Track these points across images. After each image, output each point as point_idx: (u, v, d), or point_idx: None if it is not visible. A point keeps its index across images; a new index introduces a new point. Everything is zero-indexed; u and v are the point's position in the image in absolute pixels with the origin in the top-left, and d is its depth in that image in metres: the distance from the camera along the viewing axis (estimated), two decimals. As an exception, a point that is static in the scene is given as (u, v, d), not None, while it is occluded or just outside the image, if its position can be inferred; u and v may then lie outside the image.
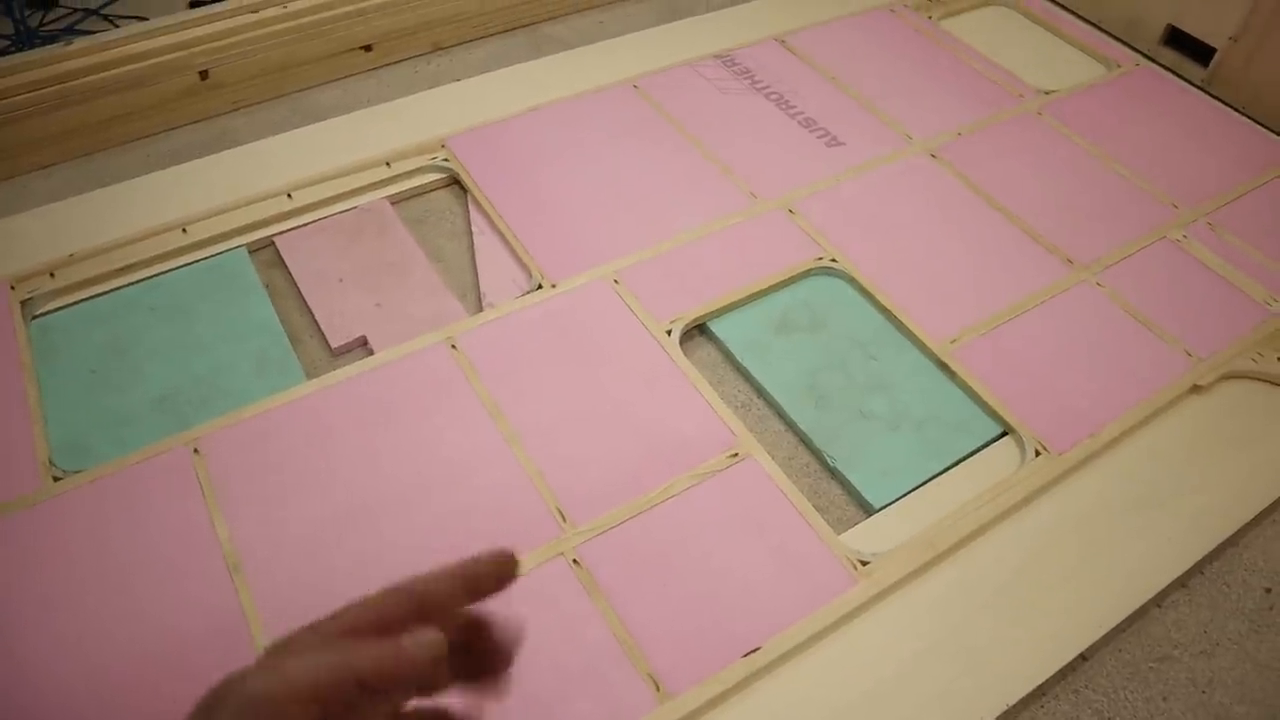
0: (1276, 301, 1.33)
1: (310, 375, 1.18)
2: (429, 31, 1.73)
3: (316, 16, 1.62)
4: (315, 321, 1.25)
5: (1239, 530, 1.11)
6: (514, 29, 1.81)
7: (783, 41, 1.71)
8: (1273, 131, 1.64)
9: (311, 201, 1.39)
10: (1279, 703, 1.00)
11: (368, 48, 1.69)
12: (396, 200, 1.43)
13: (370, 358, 1.18)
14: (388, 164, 1.45)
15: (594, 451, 1.09)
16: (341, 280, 1.30)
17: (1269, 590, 1.09)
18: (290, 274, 1.31)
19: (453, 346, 1.19)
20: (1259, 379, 1.25)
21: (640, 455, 1.08)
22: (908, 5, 1.83)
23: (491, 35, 1.79)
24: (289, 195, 1.38)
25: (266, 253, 1.35)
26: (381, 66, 1.71)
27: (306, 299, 1.28)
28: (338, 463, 1.07)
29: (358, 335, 1.23)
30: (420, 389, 1.14)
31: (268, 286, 1.29)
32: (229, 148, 1.49)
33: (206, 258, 1.31)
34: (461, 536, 1.01)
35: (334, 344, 1.23)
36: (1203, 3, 1.73)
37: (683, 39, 1.71)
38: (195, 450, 1.06)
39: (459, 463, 1.07)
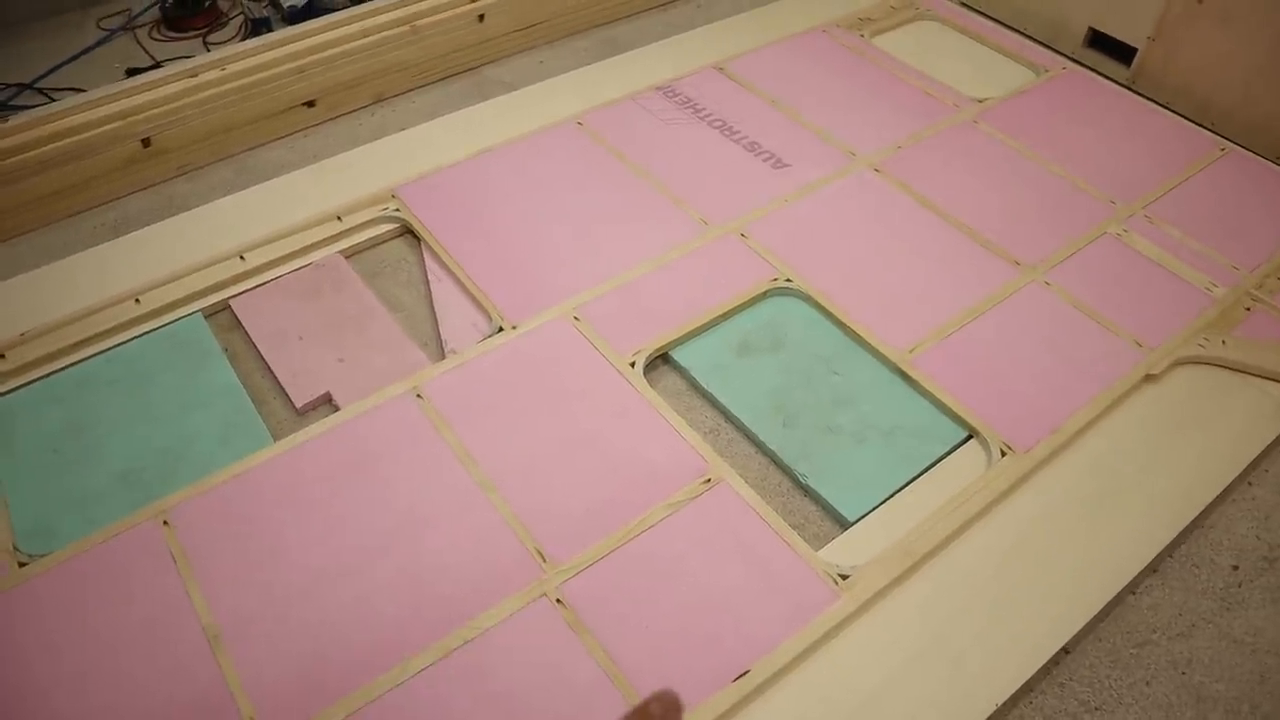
0: (1217, 287, 1.37)
1: (277, 437, 1.17)
2: (371, 83, 1.74)
3: (256, 77, 1.62)
4: (278, 382, 1.25)
5: (1202, 512, 1.14)
6: (456, 75, 1.82)
7: (721, 69, 1.74)
8: (1197, 124, 1.70)
9: (265, 262, 1.38)
10: (1255, 677, 1.02)
11: (310, 104, 1.69)
12: (350, 254, 1.43)
13: (336, 414, 1.18)
14: (339, 218, 1.45)
15: (568, 489, 1.09)
16: (301, 338, 1.29)
17: (1236, 567, 1.12)
18: (249, 336, 1.30)
19: (418, 396, 1.19)
20: (1207, 363, 1.29)
21: (614, 489, 1.09)
22: (840, 25, 1.88)
23: (434, 82, 1.80)
24: (241, 257, 1.38)
25: (223, 316, 1.34)
26: (325, 121, 1.72)
27: (267, 360, 1.27)
28: (311, 523, 1.06)
29: (322, 392, 1.23)
30: (389, 441, 1.14)
31: (227, 350, 1.28)
32: (177, 213, 1.48)
33: (162, 326, 1.30)
34: (443, 586, 1.00)
35: (298, 403, 1.22)
36: (1120, 5, 1.79)
37: (623, 73, 1.74)
38: (165, 522, 1.05)
39: (434, 512, 1.07)
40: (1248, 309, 1.35)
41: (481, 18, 1.80)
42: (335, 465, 1.11)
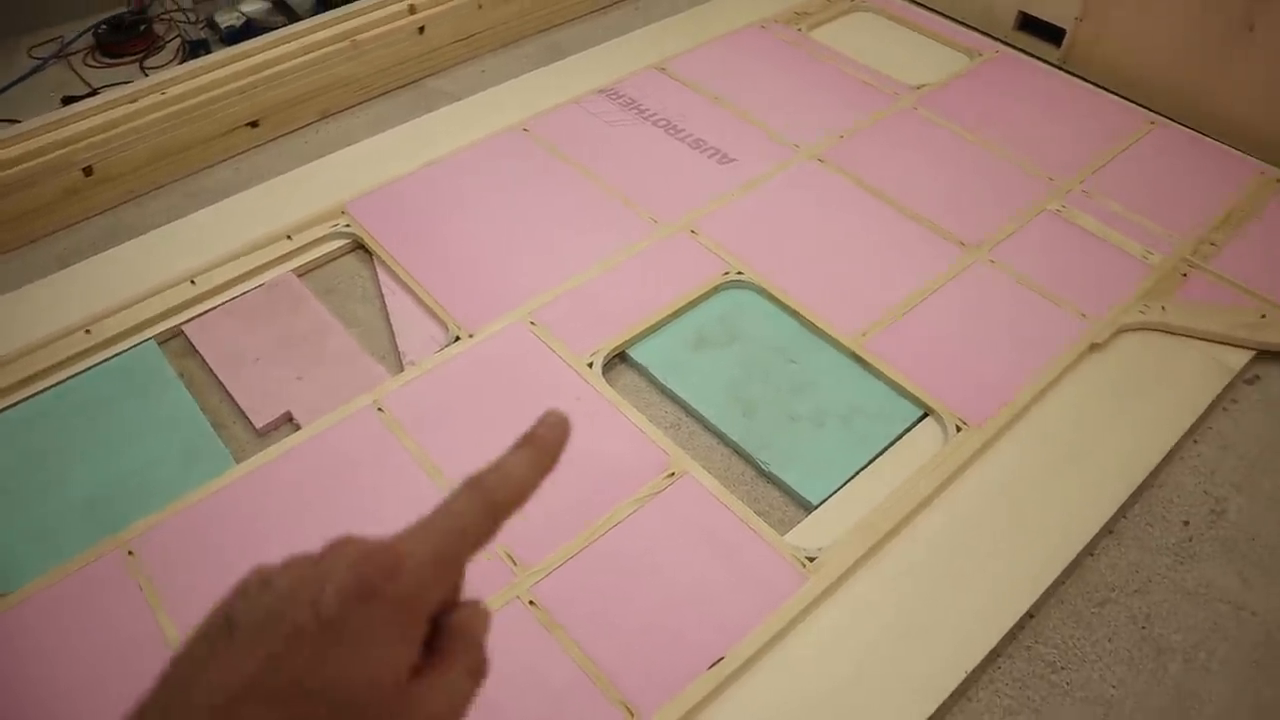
0: (1153, 255, 1.42)
1: (239, 459, 1.17)
2: (315, 100, 1.74)
3: (197, 99, 1.61)
4: (237, 404, 1.24)
5: (1153, 472, 1.18)
6: (399, 88, 1.82)
7: (662, 69, 1.76)
8: (1127, 100, 1.75)
9: (217, 284, 1.38)
10: (1209, 625, 1.06)
11: (254, 123, 1.69)
12: (303, 272, 1.43)
13: (297, 433, 1.17)
14: (289, 237, 1.44)
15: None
16: (258, 359, 1.29)
17: (1187, 523, 1.16)
18: (204, 360, 1.29)
19: (379, 409, 1.19)
20: (1149, 329, 1.33)
21: (581, 488, 1.10)
22: (777, 21, 1.91)
23: (378, 96, 1.80)
24: (192, 281, 1.37)
25: (177, 342, 1.33)
26: (271, 140, 1.71)
27: (225, 383, 1.26)
28: (278, 543, 1.06)
29: (282, 412, 1.22)
30: (352, 457, 1.14)
31: (183, 376, 1.28)
32: (124, 241, 1.46)
33: (115, 355, 1.29)
34: (415, 595, 1.01)
35: (258, 424, 1.21)
36: (1047, -14, 1.84)
37: (565, 78, 1.75)
38: (130, 552, 1.04)
39: (403, 523, 1.06)
40: (1184, 275, 1.40)
41: (422, 30, 1.80)
42: (300, 483, 1.11)
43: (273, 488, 1.11)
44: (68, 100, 1.76)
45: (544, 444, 0.38)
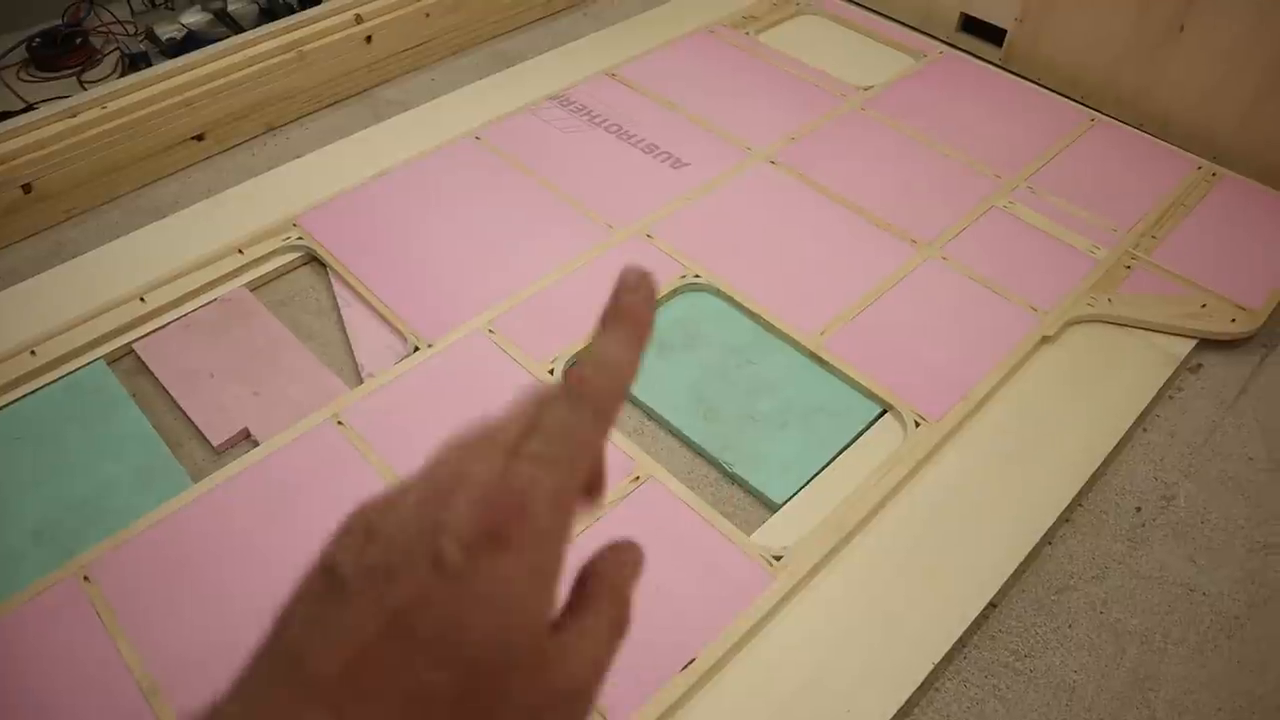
0: (1099, 249, 1.45)
1: (196, 478, 1.15)
2: (261, 112, 1.71)
3: (140, 113, 1.58)
4: (192, 422, 1.22)
5: (1105, 460, 1.21)
6: (348, 98, 1.80)
7: (613, 74, 1.76)
8: (1068, 98, 1.79)
9: (167, 301, 1.35)
10: (1164, 608, 1.09)
11: (199, 137, 1.66)
12: (256, 286, 1.40)
13: (256, 449, 1.16)
14: (240, 251, 1.42)
15: (501, 501, 1.09)
16: (213, 376, 1.27)
17: (1139, 509, 1.19)
18: (157, 379, 1.27)
19: (339, 423, 1.17)
20: (1097, 320, 1.36)
21: (547, 496, 1.10)
22: (725, 25, 1.92)
23: (326, 107, 1.78)
24: (142, 299, 1.34)
25: (127, 361, 1.31)
26: (217, 154, 1.68)
27: (179, 401, 1.24)
28: (242, 561, 1.04)
29: (239, 428, 1.21)
30: (313, 472, 1.12)
31: (134, 396, 1.25)
32: (68, 259, 1.43)
33: (63, 377, 1.26)
34: (382, 610, 0.99)
35: (215, 442, 1.19)
36: (987, -12, 1.88)
37: (516, 86, 1.75)
38: (85, 578, 1.02)
39: (367, 537, 1.06)
40: (1128, 267, 1.44)
41: (369, 39, 1.78)
42: (261, 500, 1.10)
43: (233, 506, 1.09)
44: (2, 116, 1.71)
45: (635, 314, 0.32)
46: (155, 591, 1.01)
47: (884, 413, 1.22)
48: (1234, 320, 1.37)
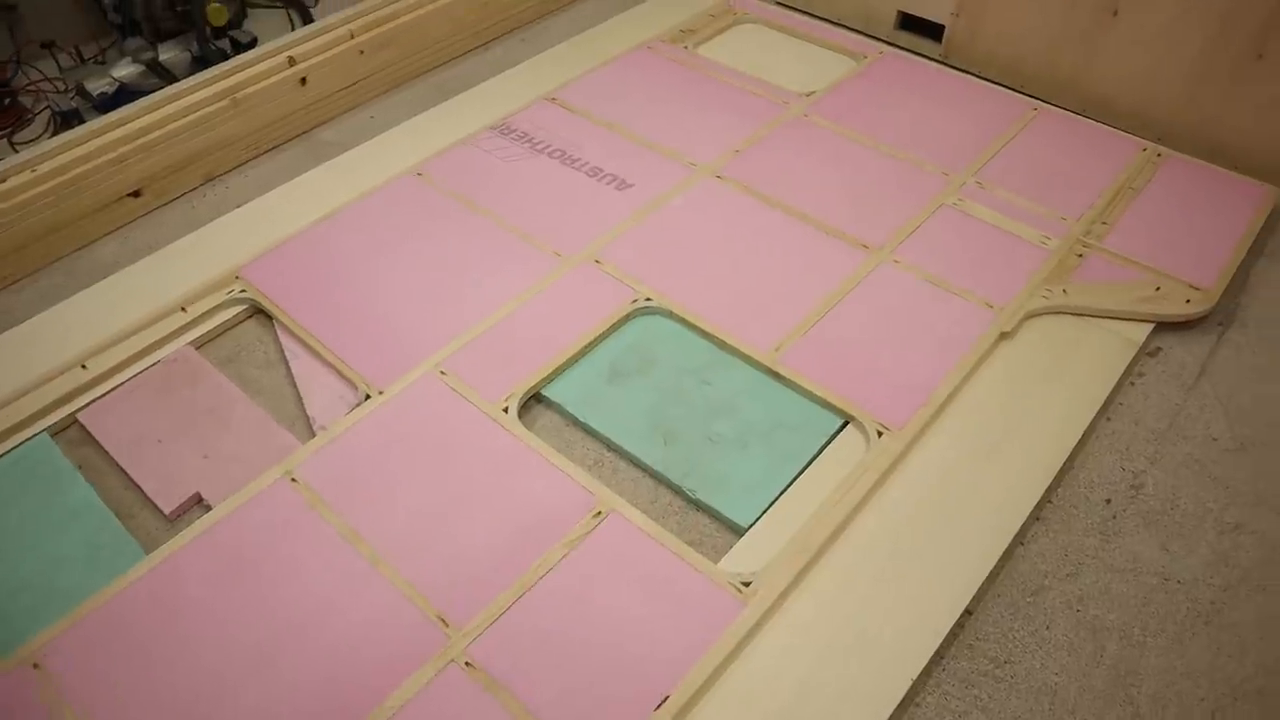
0: (1050, 239, 1.45)
1: (149, 549, 1.11)
2: (199, 163, 1.68)
3: (73, 173, 1.54)
4: (142, 491, 1.18)
5: (1071, 454, 1.20)
6: (287, 142, 1.77)
7: (553, 99, 1.75)
8: (1010, 89, 1.79)
9: (110, 367, 1.31)
10: (1140, 601, 1.08)
11: (136, 193, 1.62)
12: (201, 344, 1.37)
13: (209, 514, 1.12)
14: (183, 309, 1.39)
15: (461, 549, 1.07)
16: (161, 441, 1.23)
17: (1109, 501, 1.18)
18: (103, 448, 1.23)
19: (293, 480, 1.15)
20: (1054, 312, 1.36)
21: (508, 539, 1.07)
22: (663, 40, 1.91)
23: (265, 153, 1.75)
24: (83, 366, 1.31)
25: (72, 431, 1.27)
26: (156, 209, 1.65)
27: (127, 470, 1.21)
28: (201, 632, 1.01)
29: (191, 493, 1.17)
30: (269, 532, 1.09)
31: (81, 467, 1.21)
32: (6, 329, 1.39)
33: (5, 453, 1.22)
34: (349, 671, 0.97)
35: (167, 510, 1.16)
36: (921, -15, 1.87)
37: (455, 118, 1.73)
38: (35, 665, 0.98)
39: (328, 597, 1.03)
40: (1080, 255, 1.43)
41: (304, 81, 1.76)
42: (216, 567, 1.06)
43: (188, 575, 1.06)
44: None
45: None
46: (111, 674, 0.98)
47: (846, 424, 1.20)
48: (1189, 301, 1.37)
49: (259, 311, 1.41)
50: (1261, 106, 1.57)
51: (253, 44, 2.16)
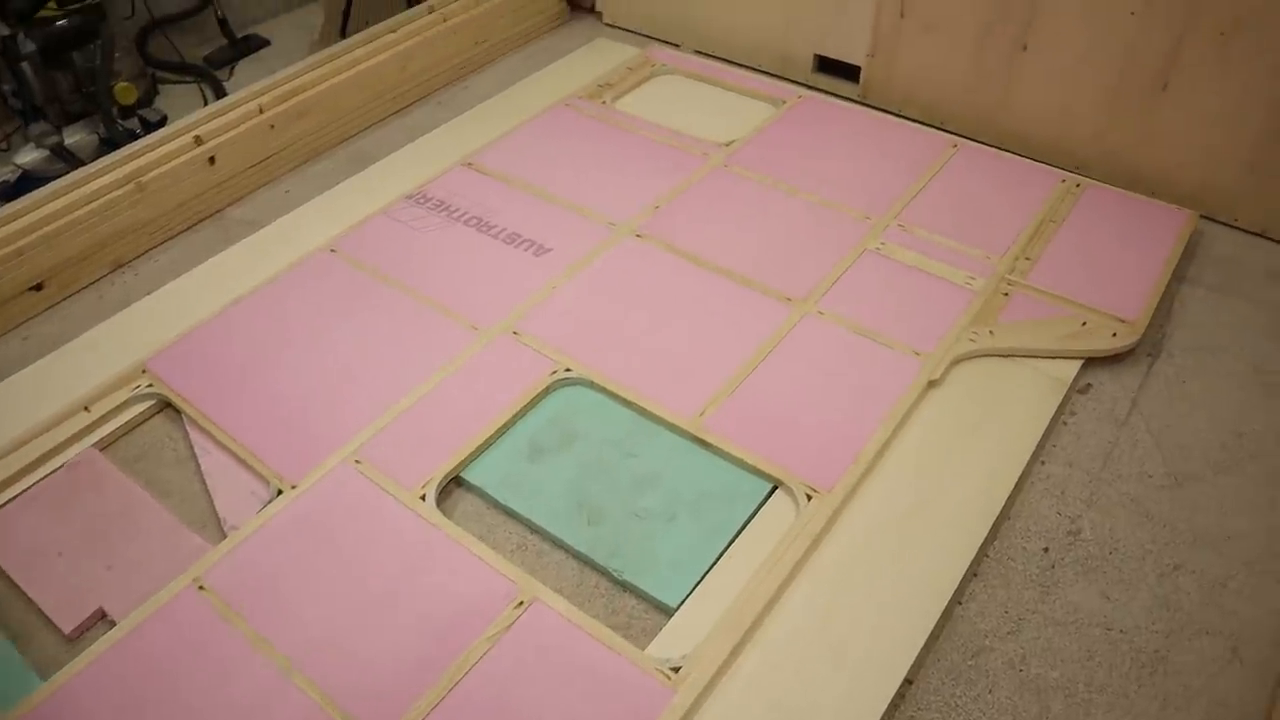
0: (975, 279, 1.43)
1: (45, 675, 1.04)
2: (105, 251, 1.62)
3: (-34, 271, 1.48)
4: (39, 610, 1.12)
5: (1006, 503, 1.17)
6: (198, 223, 1.72)
7: (470, 164, 1.72)
8: (929, 125, 1.79)
9: (9, 475, 1.25)
10: (1084, 655, 1.05)
11: (38, 287, 1.56)
12: (106, 444, 1.31)
13: (112, 630, 1.06)
14: (87, 408, 1.33)
15: (379, 650, 1.02)
16: (61, 554, 1.17)
17: (1046, 550, 1.15)
18: (-1, 565, 1.17)
19: (201, 588, 1.09)
20: (981, 355, 1.34)
21: (427, 637, 1.02)
22: (580, 96, 1.89)
23: (175, 236, 1.70)
24: (-21, 477, 1.24)
25: (-33, 549, 1.20)
26: (60, 301, 1.59)
27: (24, 587, 1.14)
28: (94, 768, 0.94)
29: (93, 609, 1.11)
30: (176, 648, 1.03)
31: (-25, 589, 1.15)
32: (-102, 443, 1.32)
33: (-107, 580, 1.15)
34: (254, 801, 0.91)
35: (67, 629, 1.10)
36: (836, 29, 1.87)
37: (371, 188, 1.69)
38: (-84, 818, 0.92)
39: (239, 714, 0.97)
40: (1005, 294, 1.42)
41: (212, 160, 1.71)
42: (120, 691, 1.00)
43: (88, 703, 0.99)
44: None
45: None
46: (-3, 822, 0.91)
47: (774, 489, 1.17)
48: (1115, 334, 1.36)
49: (168, 406, 1.36)
50: (1171, 134, 1.58)
51: (163, 122, 2.10)
